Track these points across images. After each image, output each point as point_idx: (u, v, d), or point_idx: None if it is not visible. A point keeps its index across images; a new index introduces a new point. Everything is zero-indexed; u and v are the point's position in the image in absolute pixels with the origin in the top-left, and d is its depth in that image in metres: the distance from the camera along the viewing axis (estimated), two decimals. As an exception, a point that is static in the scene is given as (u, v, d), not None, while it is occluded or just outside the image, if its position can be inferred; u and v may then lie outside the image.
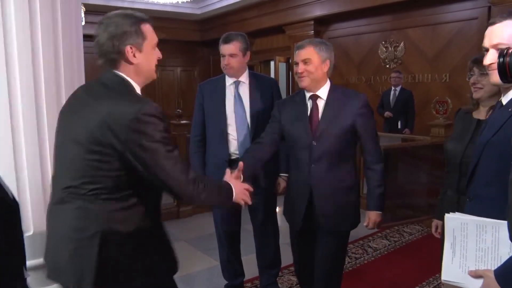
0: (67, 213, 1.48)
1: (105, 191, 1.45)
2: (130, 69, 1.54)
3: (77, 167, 1.46)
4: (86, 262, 1.44)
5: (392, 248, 4.22)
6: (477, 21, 5.73)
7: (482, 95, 1.94)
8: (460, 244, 1.40)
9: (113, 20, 1.52)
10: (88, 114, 1.45)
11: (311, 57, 2.20)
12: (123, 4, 8.60)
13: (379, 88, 7.09)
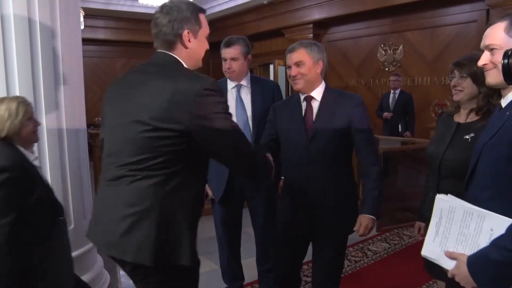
0: (123, 189, 1.53)
1: (162, 165, 1.49)
2: (184, 52, 1.63)
3: (137, 145, 1.49)
4: (144, 236, 1.49)
5: (392, 251, 4.21)
6: (476, 24, 5.75)
7: (462, 97, 1.95)
8: (445, 225, 1.45)
9: (175, 5, 1.63)
10: (148, 93, 1.50)
11: (303, 59, 2.17)
12: (122, 8, 8.63)
13: (378, 91, 7.10)
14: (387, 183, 5.10)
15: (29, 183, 1.85)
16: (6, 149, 1.87)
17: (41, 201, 1.87)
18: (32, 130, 1.98)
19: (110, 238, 1.55)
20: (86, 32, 6.16)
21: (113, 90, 1.69)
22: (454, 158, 1.92)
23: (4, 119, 1.89)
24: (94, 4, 8.16)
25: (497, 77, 1.40)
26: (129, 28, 9.49)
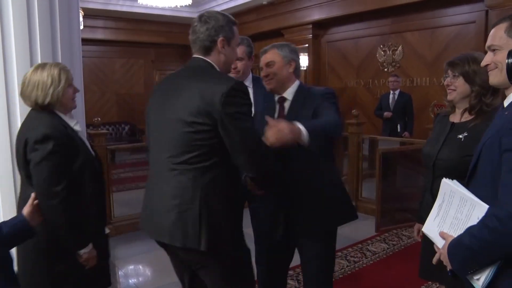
0: (168, 182, 1.73)
1: (199, 159, 1.68)
2: (218, 57, 1.84)
3: (179, 141, 1.70)
4: (190, 224, 1.67)
5: (391, 252, 4.21)
6: (475, 25, 5.76)
7: (455, 96, 1.97)
8: (445, 208, 1.52)
9: (213, 16, 1.83)
10: (187, 93, 1.71)
11: (274, 59, 2.18)
12: (122, 8, 8.62)
13: (377, 91, 7.10)
14: (386, 184, 5.11)
15: (73, 149, 1.92)
16: (49, 117, 1.92)
17: (85, 165, 1.96)
18: (71, 96, 2.02)
19: (160, 226, 1.74)
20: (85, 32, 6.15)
21: (157, 94, 1.89)
22: (447, 158, 1.94)
23: (47, 86, 1.92)
24: (94, 4, 8.15)
25: (499, 76, 1.41)
26: (128, 28, 9.49)
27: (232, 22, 1.87)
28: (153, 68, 10.76)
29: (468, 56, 1.92)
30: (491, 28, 1.46)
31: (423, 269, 2.14)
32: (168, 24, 9.94)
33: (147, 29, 9.73)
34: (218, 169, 1.73)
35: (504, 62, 1.37)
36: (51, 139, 1.84)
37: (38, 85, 1.91)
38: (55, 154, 1.84)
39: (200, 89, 1.68)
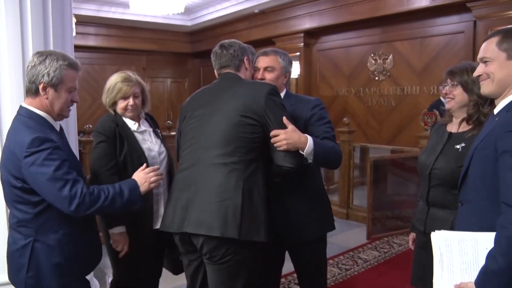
0: (213, 173, 1.88)
1: (245, 150, 1.88)
2: (244, 74, 2.13)
3: (226, 132, 1.89)
4: (231, 213, 1.80)
5: (382, 259, 4.23)
6: (463, 35, 5.84)
7: (453, 105, 2.00)
8: (447, 259, 1.46)
9: (233, 42, 2.14)
10: (231, 95, 1.97)
11: (274, 65, 2.22)
12: (113, 15, 8.62)
13: (368, 100, 7.16)
14: (377, 192, 5.14)
15: (119, 146, 2.25)
16: (105, 117, 2.33)
17: (130, 161, 2.23)
18: (124, 107, 2.31)
19: (197, 218, 1.84)
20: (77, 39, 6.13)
21: (196, 100, 2.12)
22: (444, 167, 1.96)
23: (105, 91, 2.33)
24: (85, 11, 8.14)
25: (491, 87, 1.50)
26: (120, 35, 9.48)
27: (247, 46, 2.19)
28: (145, 75, 10.73)
29: (467, 66, 1.95)
30: (483, 41, 1.55)
31: (415, 276, 2.16)
32: (160, 32, 9.95)
33: (139, 36, 9.72)
34: (259, 163, 1.92)
35: (496, 72, 1.46)
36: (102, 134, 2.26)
37: (105, 88, 2.31)
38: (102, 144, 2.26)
39: (244, 90, 1.97)
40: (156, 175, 1.94)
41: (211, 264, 1.88)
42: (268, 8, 8.00)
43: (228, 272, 1.87)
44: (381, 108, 6.99)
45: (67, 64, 1.75)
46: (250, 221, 1.83)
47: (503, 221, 1.30)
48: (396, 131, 6.79)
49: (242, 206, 1.81)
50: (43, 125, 1.74)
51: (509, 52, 1.45)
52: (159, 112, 10.88)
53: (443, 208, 1.98)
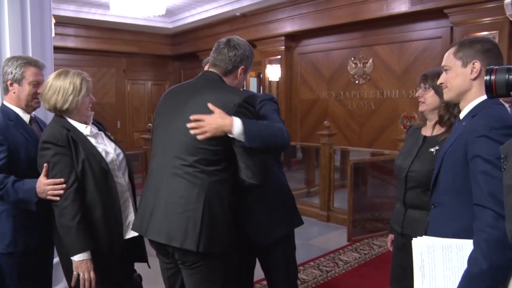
0: (175, 183, 1.83)
1: (207, 162, 1.81)
2: (232, 81, 1.98)
3: (187, 144, 1.81)
4: (191, 224, 1.77)
5: (363, 261, 4.27)
6: (441, 40, 5.95)
7: (425, 108, 2.08)
8: (429, 266, 1.48)
9: (242, 44, 1.98)
10: (198, 101, 1.84)
11: None
12: (93, 16, 8.52)
13: (348, 103, 7.23)
14: (357, 194, 5.19)
15: (75, 154, 2.00)
16: (53, 123, 2.06)
17: (89, 168, 2.01)
18: (87, 106, 2.11)
19: (159, 227, 1.83)
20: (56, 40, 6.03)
21: (167, 101, 2.02)
22: (419, 170, 2.01)
23: (68, 93, 2.01)
24: (65, 11, 8.02)
25: (449, 94, 1.62)
26: (100, 37, 9.37)
27: (253, 54, 2.05)
28: (125, 77, 10.65)
29: (439, 70, 2.00)
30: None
31: (393, 277, 2.20)
32: (141, 34, 9.88)
33: (119, 38, 9.64)
34: (223, 175, 1.85)
35: (452, 80, 1.58)
36: (49, 143, 1.97)
37: (59, 91, 2.01)
38: (56, 156, 1.98)
39: (213, 97, 1.82)
40: (53, 189, 1.94)
41: (184, 269, 1.89)
42: (250, 11, 8.01)
43: (202, 276, 1.87)
44: (361, 111, 7.07)
45: (25, 62, 2.15)
46: (210, 234, 1.79)
47: (478, 224, 1.35)
48: (376, 134, 6.88)
49: (202, 218, 1.78)
50: (9, 118, 2.12)
51: (463, 60, 1.55)
52: (139, 115, 10.79)
53: (419, 210, 2.03)
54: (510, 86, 1.21)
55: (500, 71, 1.23)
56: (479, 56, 1.53)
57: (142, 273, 2.32)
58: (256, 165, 1.84)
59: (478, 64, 1.53)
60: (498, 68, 1.24)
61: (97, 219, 2.02)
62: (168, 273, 2.03)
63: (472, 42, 1.57)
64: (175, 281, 2.02)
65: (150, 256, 2.21)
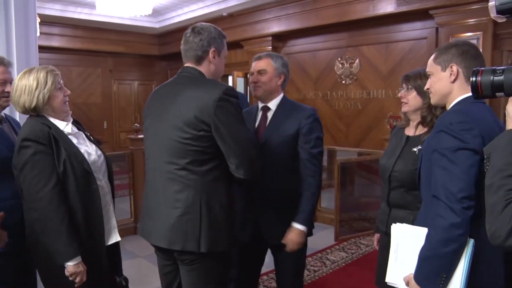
0: (170, 186, 1.83)
1: (199, 163, 1.80)
2: (208, 67, 1.94)
3: (176, 147, 1.80)
4: (190, 226, 1.79)
5: (350, 260, 4.29)
6: (427, 41, 6.01)
7: (408, 109, 2.10)
8: (401, 251, 1.60)
9: (205, 28, 1.97)
10: (181, 101, 1.82)
11: (266, 68, 2.28)
12: (79, 16, 8.44)
13: (335, 103, 7.26)
14: (344, 194, 5.22)
15: (56, 153, 1.89)
16: (32, 121, 1.93)
17: (71, 170, 1.91)
18: (62, 100, 1.99)
19: (159, 231, 1.86)
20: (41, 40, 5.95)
21: (152, 103, 2.01)
22: (402, 170, 2.04)
23: (33, 89, 1.90)
24: (50, 10, 7.93)
25: (434, 98, 1.69)
26: (86, 36, 9.28)
27: (223, 35, 2.01)
28: (111, 77, 10.56)
29: (421, 71, 2.05)
30: None
31: (379, 276, 2.22)
32: (127, 33, 9.81)
33: (105, 38, 9.56)
34: (217, 173, 1.84)
35: (434, 85, 1.66)
36: (28, 140, 1.85)
37: (25, 89, 1.90)
38: (36, 155, 1.85)
39: (193, 96, 1.81)
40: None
41: (182, 265, 1.91)
42: (237, 11, 8.01)
43: (199, 274, 1.88)
44: (348, 111, 7.10)
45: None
46: (210, 233, 1.82)
47: (431, 214, 1.47)
48: (362, 134, 6.92)
49: (201, 220, 1.80)
50: None
51: (442, 65, 1.64)
52: (126, 115, 10.72)
53: (404, 209, 2.05)
54: (495, 87, 1.24)
55: (486, 73, 1.26)
56: (455, 59, 1.61)
57: (129, 274, 2.30)
58: (245, 161, 1.83)
59: (455, 67, 1.60)
60: (484, 69, 1.27)
61: (78, 223, 1.92)
62: (165, 270, 2.04)
63: (448, 47, 1.66)
64: (173, 279, 2.03)
65: (137, 257, 2.19)
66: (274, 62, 2.30)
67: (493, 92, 1.26)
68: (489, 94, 1.27)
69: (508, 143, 1.15)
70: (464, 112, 1.50)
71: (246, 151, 1.83)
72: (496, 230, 1.06)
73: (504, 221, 1.04)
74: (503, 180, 1.10)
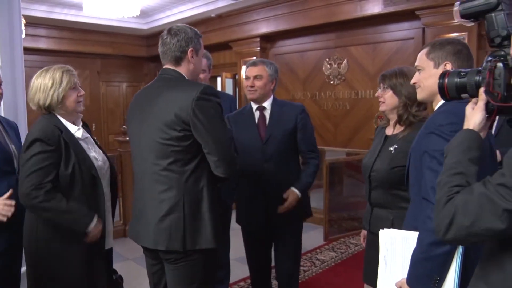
0: (154, 187, 1.86)
1: (182, 163, 1.83)
2: (188, 67, 1.97)
3: (158, 149, 1.83)
4: (174, 226, 1.82)
5: (339, 260, 4.31)
6: (413, 41, 6.06)
7: (385, 108, 2.14)
8: (391, 256, 1.57)
9: (182, 29, 1.98)
10: (161, 103, 1.85)
11: (261, 73, 2.58)
12: (66, 17, 8.37)
13: (324, 103, 7.29)
14: (333, 194, 5.24)
15: (65, 156, 1.93)
16: (45, 121, 1.96)
17: (79, 173, 1.96)
18: (75, 99, 2.04)
19: (145, 231, 1.90)
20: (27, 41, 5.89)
21: (133, 107, 2.04)
22: (379, 169, 2.07)
23: (48, 88, 1.97)
24: (36, 12, 7.85)
25: (422, 93, 1.66)
26: (73, 38, 9.21)
27: (199, 35, 2.04)
28: (99, 79, 10.49)
29: (396, 70, 2.10)
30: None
31: (365, 273, 2.26)
32: (115, 35, 9.75)
33: (93, 40, 9.48)
34: (200, 172, 1.87)
35: (424, 80, 1.62)
36: (38, 141, 1.89)
37: (40, 88, 1.96)
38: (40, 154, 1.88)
39: (172, 97, 1.83)
40: (3, 209, 1.92)
41: (167, 264, 1.93)
42: (225, 12, 8.00)
43: (183, 272, 1.90)
44: (336, 111, 7.14)
45: None
46: (194, 232, 1.85)
47: (422, 216, 1.44)
48: (351, 134, 6.95)
49: (184, 219, 1.83)
50: None
51: (435, 61, 1.59)
52: (114, 117, 10.65)
53: (384, 208, 2.08)
54: (460, 88, 1.28)
55: (452, 75, 1.30)
56: (450, 58, 1.57)
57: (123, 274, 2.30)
58: (224, 159, 1.85)
59: (450, 65, 1.56)
60: (450, 72, 1.31)
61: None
62: (153, 270, 2.06)
63: (443, 44, 1.61)
64: (159, 278, 2.05)
65: (127, 260, 2.20)
66: (268, 69, 2.60)
67: (458, 94, 1.30)
68: (455, 95, 1.31)
69: (460, 142, 1.19)
70: (453, 112, 1.48)
71: (224, 149, 1.85)
72: (437, 224, 1.10)
73: (444, 216, 1.08)
74: (450, 178, 1.14)
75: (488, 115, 1.21)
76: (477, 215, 1.00)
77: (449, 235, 1.06)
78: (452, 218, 1.05)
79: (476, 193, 1.03)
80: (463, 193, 1.07)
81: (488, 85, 1.18)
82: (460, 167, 1.14)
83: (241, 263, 4.12)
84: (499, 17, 1.22)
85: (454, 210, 1.05)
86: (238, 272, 3.76)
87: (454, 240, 1.08)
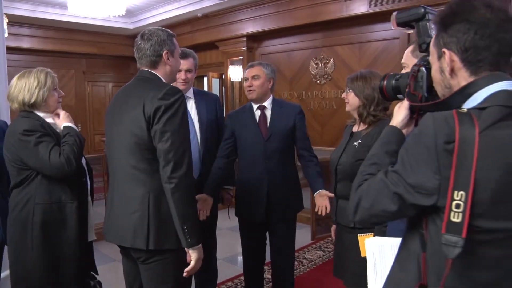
0: (124, 186, 1.92)
1: (149, 162, 1.85)
2: (164, 69, 2.00)
3: (129, 148, 1.87)
4: (139, 224, 1.85)
5: (327, 258, 4.33)
6: (399, 41, 6.11)
7: (349, 108, 2.30)
8: (380, 264, 1.55)
9: (154, 32, 2.00)
10: (132, 104, 1.88)
11: (259, 73, 2.75)
12: (50, 16, 8.27)
13: (310, 103, 7.31)
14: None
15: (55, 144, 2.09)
16: (26, 117, 2.10)
17: None
18: (57, 100, 2.22)
19: (115, 229, 1.95)
20: (10, 40, 5.81)
21: (111, 107, 2.06)
22: (344, 163, 2.22)
23: (33, 87, 2.10)
24: (19, 10, 7.74)
25: None
26: (57, 37, 9.11)
27: (172, 35, 2.05)
28: (85, 79, 10.40)
29: (358, 74, 2.27)
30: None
31: (336, 267, 2.33)
32: (100, 35, 9.66)
33: (78, 39, 9.39)
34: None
35: None
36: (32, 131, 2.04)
37: (25, 87, 2.09)
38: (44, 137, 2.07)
39: (141, 96, 1.85)
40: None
41: (140, 264, 1.96)
42: (211, 12, 7.98)
43: (155, 272, 1.92)
44: (323, 111, 7.17)
45: None
46: (158, 231, 1.85)
47: None
48: (337, 134, 6.97)
49: (149, 217, 1.84)
50: None
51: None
52: (100, 117, 10.54)
53: (348, 200, 2.12)
54: (395, 90, 1.39)
55: (390, 78, 1.41)
56: None
57: (106, 278, 2.27)
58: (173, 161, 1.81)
59: None
60: (389, 74, 1.41)
61: (71, 211, 2.13)
62: (126, 269, 2.10)
63: None
64: (134, 278, 2.07)
65: (113, 261, 2.19)
66: (265, 69, 2.77)
67: (395, 94, 1.40)
68: (392, 96, 1.41)
69: (382, 137, 1.31)
70: None
71: (176, 151, 1.80)
72: (349, 207, 1.22)
73: (353, 200, 1.20)
74: (365, 167, 1.26)
75: (412, 113, 1.32)
76: (375, 198, 1.13)
77: (356, 216, 1.19)
78: (358, 201, 1.18)
79: (377, 179, 1.14)
80: (369, 180, 1.18)
81: (409, 88, 1.29)
82: (375, 158, 1.26)
83: (228, 263, 4.12)
84: (425, 26, 1.31)
85: (360, 195, 1.18)
86: (226, 272, 3.76)
87: (361, 221, 1.20)
